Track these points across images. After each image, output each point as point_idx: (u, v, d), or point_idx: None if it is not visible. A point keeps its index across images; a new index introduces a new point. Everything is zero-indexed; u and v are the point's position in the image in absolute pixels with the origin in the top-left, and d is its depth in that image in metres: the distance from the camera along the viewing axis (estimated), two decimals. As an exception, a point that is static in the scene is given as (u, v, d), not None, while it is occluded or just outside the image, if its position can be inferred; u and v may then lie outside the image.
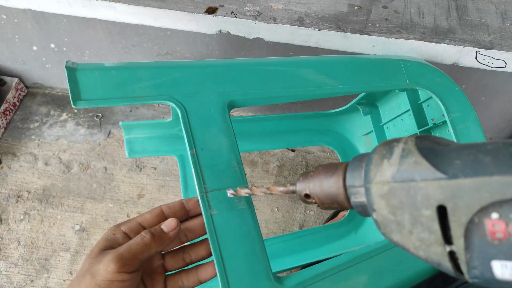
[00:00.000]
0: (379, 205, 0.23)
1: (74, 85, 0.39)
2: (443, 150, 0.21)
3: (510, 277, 0.18)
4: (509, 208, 0.18)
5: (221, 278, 0.34)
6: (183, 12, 0.71)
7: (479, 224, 0.19)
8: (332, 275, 0.39)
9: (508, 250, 0.18)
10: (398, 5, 0.75)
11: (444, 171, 0.20)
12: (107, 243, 0.33)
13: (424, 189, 0.20)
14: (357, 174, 0.25)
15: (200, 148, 0.40)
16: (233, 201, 0.38)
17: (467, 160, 0.20)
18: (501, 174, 0.18)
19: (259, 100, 0.46)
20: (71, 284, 0.31)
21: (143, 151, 0.67)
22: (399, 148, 0.23)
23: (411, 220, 0.21)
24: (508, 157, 0.19)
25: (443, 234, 0.20)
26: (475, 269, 0.19)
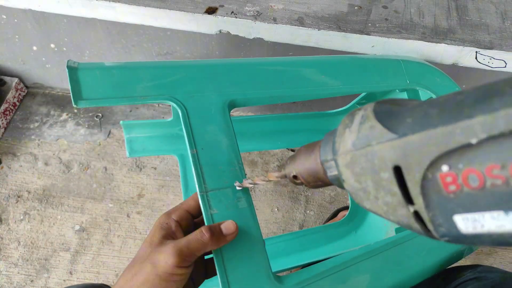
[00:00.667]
0: (346, 175, 0.23)
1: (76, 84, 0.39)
2: (399, 110, 0.21)
3: (474, 230, 0.18)
4: (456, 158, 0.17)
5: (221, 278, 0.34)
6: (183, 12, 0.71)
7: (433, 180, 0.18)
8: (332, 275, 0.39)
9: (464, 202, 0.18)
10: (398, 5, 0.75)
11: (395, 131, 0.20)
12: (164, 232, 0.34)
13: (379, 152, 0.20)
14: (328, 148, 0.25)
15: (200, 148, 0.40)
16: (233, 201, 0.38)
17: (417, 116, 0.20)
18: (444, 124, 0.18)
19: (260, 100, 0.46)
20: (130, 267, 0.33)
21: (144, 151, 0.67)
22: (358, 116, 0.23)
23: (374, 185, 0.21)
24: (453, 106, 0.18)
25: (404, 195, 0.20)
26: (441, 227, 0.19)
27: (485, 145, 0.16)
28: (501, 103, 0.16)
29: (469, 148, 0.17)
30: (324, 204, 0.99)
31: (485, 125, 0.16)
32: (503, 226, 0.17)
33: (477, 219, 0.17)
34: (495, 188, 0.16)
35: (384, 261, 0.42)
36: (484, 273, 0.45)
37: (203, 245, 0.33)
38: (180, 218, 0.36)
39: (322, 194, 1.01)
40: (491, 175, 0.16)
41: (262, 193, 1.00)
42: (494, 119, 0.16)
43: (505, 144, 0.16)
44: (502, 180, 0.16)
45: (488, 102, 0.16)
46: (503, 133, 0.16)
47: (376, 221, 0.83)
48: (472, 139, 0.16)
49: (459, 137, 0.17)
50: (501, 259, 0.94)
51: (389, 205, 0.21)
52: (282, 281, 0.37)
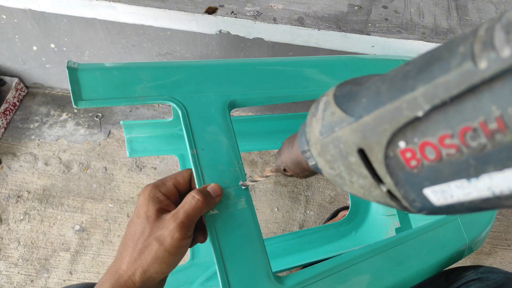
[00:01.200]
0: (321, 163, 0.23)
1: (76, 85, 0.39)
2: (358, 91, 0.21)
3: (446, 200, 0.18)
4: (410, 133, 0.17)
5: (221, 278, 0.34)
6: (183, 12, 0.71)
7: (395, 157, 0.18)
8: (332, 275, 0.39)
9: (428, 175, 0.17)
10: (398, 5, 0.75)
11: (352, 113, 0.20)
12: (158, 205, 0.34)
13: (342, 137, 0.20)
14: (303, 139, 0.25)
15: (200, 148, 0.40)
16: (233, 201, 0.38)
17: (371, 95, 0.20)
18: (391, 101, 0.18)
19: (260, 100, 0.46)
20: (133, 245, 0.33)
21: (144, 151, 0.67)
22: (322, 102, 0.23)
23: (346, 170, 0.21)
24: (400, 79, 0.18)
25: (374, 176, 0.20)
26: (415, 202, 0.19)
27: (432, 116, 0.16)
28: (440, 69, 0.15)
29: (419, 121, 0.17)
30: (324, 204, 0.99)
31: (426, 95, 0.16)
32: (470, 194, 0.16)
33: (444, 190, 0.17)
34: (451, 157, 0.16)
35: (385, 261, 0.42)
36: (486, 274, 0.45)
37: (199, 210, 0.33)
38: (168, 193, 0.36)
39: (322, 194, 1.01)
40: (444, 145, 0.16)
41: (262, 193, 1.00)
42: (434, 88, 0.16)
43: (449, 112, 0.15)
44: (455, 149, 0.16)
45: (428, 70, 0.16)
46: (445, 101, 0.15)
47: (376, 221, 0.83)
48: (418, 112, 0.16)
49: (406, 111, 0.17)
50: (501, 259, 0.94)
51: (364, 187, 0.21)
52: (282, 281, 0.37)
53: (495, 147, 0.14)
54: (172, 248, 0.32)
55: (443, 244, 0.46)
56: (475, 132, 0.15)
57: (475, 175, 0.16)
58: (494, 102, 0.14)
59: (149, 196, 0.34)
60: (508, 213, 1.00)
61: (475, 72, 0.14)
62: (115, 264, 0.33)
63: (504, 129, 0.14)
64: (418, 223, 0.74)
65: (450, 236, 0.47)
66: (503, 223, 0.98)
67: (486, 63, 0.14)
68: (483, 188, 0.16)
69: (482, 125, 0.14)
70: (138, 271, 0.32)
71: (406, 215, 0.76)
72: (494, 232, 0.97)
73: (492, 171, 0.15)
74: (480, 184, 0.16)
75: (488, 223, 0.50)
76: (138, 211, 0.34)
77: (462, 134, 0.15)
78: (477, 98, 0.14)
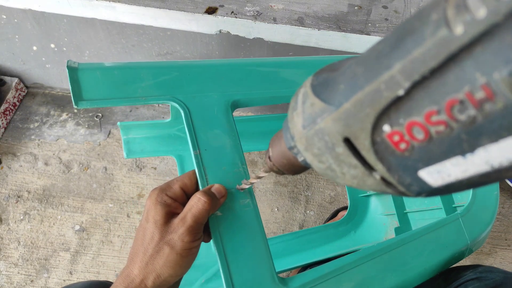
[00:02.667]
0: (309, 158, 0.22)
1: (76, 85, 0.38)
2: (334, 77, 0.20)
3: (443, 181, 0.17)
4: (395, 114, 0.16)
5: (225, 280, 0.34)
6: (183, 12, 0.71)
7: (383, 142, 0.17)
8: (336, 276, 0.38)
9: (420, 156, 0.16)
10: (398, 5, 0.75)
11: (332, 102, 0.19)
12: (166, 209, 0.34)
13: (326, 128, 0.19)
14: (288, 135, 0.24)
15: (203, 149, 0.39)
16: (237, 202, 0.38)
17: (348, 80, 0.18)
18: (369, 83, 0.16)
19: (263, 100, 0.46)
20: (143, 250, 0.33)
21: (142, 152, 0.66)
22: (300, 94, 0.22)
23: (335, 162, 0.20)
24: (374, 59, 0.17)
25: (364, 165, 0.19)
26: (412, 186, 0.18)
27: (414, 93, 0.15)
28: (414, 42, 0.14)
29: (401, 100, 0.16)
30: (324, 204, 0.99)
31: (404, 72, 0.15)
32: (467, 170, 0.15)
33: (440, 170, 0.16)
34: (441, 135, 0.15)
35: (388, 262, 0.42)
36: (485, 273, 0.45)
37: (206, 212, 0.34)
38: (175, 195, 0.36)
39: (322, 194, 1.01)
40: (432, 123, 0.15)
41: (262, 193, 1.00)
42: (410, 63, 0.14)
43: (431, 86, 0.14)
44: (444, 125, 0.15)
45: (402, 45, 0.15)
46: (424, 75, 0.14)
47: (375, 221, 0.83)
48: (399, 91, 0.15)
49: (386, 92, 0.16)
50: (501, 259, 0.94)
51: (356, 177, 0.20)
52: (286, 283, 0.36)
53: (486, 117, 0.13)
54: (183, 251, 0.32)
55: (445, 245, 0.46)
56: (462, 104, 0.14)
57: (470, 150, 0.15)
58: (478, 69, 0.13)
59: (156, 200, 0.34)
60: (508, 213, 1.00)
61: (451, 39, 0.13)
62: (126, 268, 0.34)
63: (493, 97, 0.13)
64: (417, 222, 0.74)
65: (452, 237, 0.47)
66: (503, 223, 0.98)
67: (462, 27, 0.13)
68: (480, 162, 0.15)
69: (468, 95, 0.13)
70: (151, 275, 0.32)
71: (405, 214, 0.76)
72: (494, 232, 0.97)
73: (487, 143, 0.14)
74: (477, 159, 0.15)
75: (489, 223, 0.50)
76: (146, 216, 0.34)
77: (449, 108, 0.14)
78: (458, 67, 0.13)
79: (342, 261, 0.40)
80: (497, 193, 0.53)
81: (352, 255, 0.41)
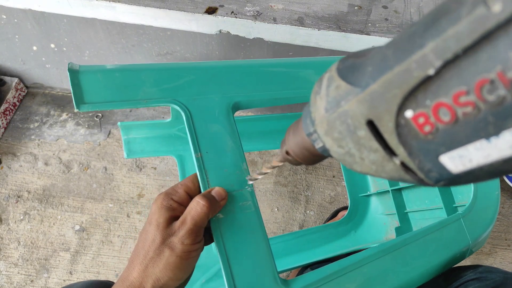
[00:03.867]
0: (329, 143, 0.22)
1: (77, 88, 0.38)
2: (362, 61, 0.20)
3: (464, 167, 0.17)
4: (422, 95, 0.16)
5: (227, 281, 0.34)
6: (183, 12, 0.71)
7: (407, 125, 0.17)
8: (338, 278, 0.38)
9: (444, 140, 0.16)
10: (398, 5, 0.75)
11: (359, 84, 0.19)
12: (169, 214, 0.34)
13: (350, 111, 0.19)
14: (308, 121, 0.24)
15: (205, 152, 0.39)
16: (239, 205, 0.37)
17: (376, 62, 0.18)
18: (399, 63, 0.16)
19: (264, 102, 0.46)
20: (144, 254, 0.33)
21: (142, 152, 0.66)
22: (325, 79, 0.22)
23: (355, 146, 0.20)
24: (406, 40, 0.17)
25: (385, 149, 0.19)
26: (431, 172, 0.18)
27: (444, 73, 0.15)
28: (448, 22, 0.14)
29: (430, 80, 0.16)
30: (324, 204, 0.99)
31: (437, 50, 0.15)
32: (490, 155, 0.15)
33: (462, 155, 0.16)
34: (468, 117, 0.15)
35: (390, 263, 0.42)
36: (485, 274, 0.45)
37: (205, 215, 0.34)
38: (181, 200, 0.36)
39: (322, 194, 1.01)
40: (460, 104, 0.15)
41: (262, 193, 1.00)
42: (444, 41, 0.14)
43: (462, 65, 0.14)
44: (471, 106, 0.15)
45: (436, 25, 0.15)
46: (457, 54, 0.14)
47: (376, 220, 0.83)
48: (429, 70, 0.15)
49: (416, 71, 0.16)
50: (501, 259, 0.94)
51: (375, 163, 0.20)
52: (289, 285, 0.36)
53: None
54: (183, 254, 0.33)
55: (446, 245, 0.46)
56: (492, 84, 0.13)
57: (495, 133, 0.14)
58: (511, 48, 0.13)
59: (161, 205, 0.34)
60: (508, 213, 1.00)
61: (488, 16, 0.13)
62: (126, 271, 0.34)
63: None
64: (418, 222, 0.74)
65: (453, 237, 0.47)
66: (503, 223, 0.98)
67: (500, 4, 0.13)
68: (505, 146, 0.14)
69: (500, 75, 0.13)
70: (151, 278, 0.32)
71: (406, 214, 0.76)
72: (494, 232, 0.97)
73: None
74: (501, 143, 0.14)
75: (490, 223, 0.50)
76: (150, 219, 0.34)
77: (479, 88, 0.14)
78: (492, 46, 0.13)
79: (344, 262, 0.40)
80: (498, 193, 0.53)
81: (354, 256, 0.41)
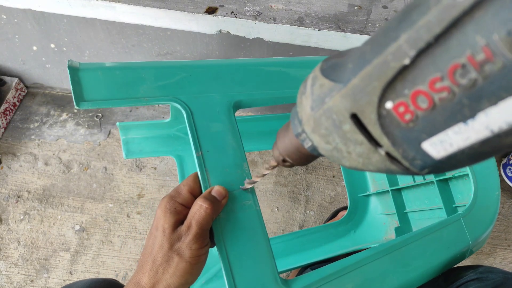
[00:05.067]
0: (316, 140, 0.23)
1: (77, 85, 0.38)
2: (343, 60, 0.21)
3: (446, 151, 0.17)
4: (400, 85, 0.17)
5: (228, 282, 0.34)
6: (183, 12, 0.71)
7: (388, 115, 0.18)
8: (338, 278, 0.38)
9: (424, 127, 0.17)
10: (398, 5, 0.75)
11: (341, 80, 0.20)
12: (174, 217, 0.34)
13: (334, 106, 0.20)
14: (296, 122, 0.25)
15: (206, 150, 0.39)
16: (239, 204, 0.37)
17: (355, 59, 0.19)
18: (376, 56, 0.17)
19: (265, 101, 0.46)
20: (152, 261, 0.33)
21: (141, 152, 0.66)
22: (309, 79, 0.23)
23: (341, 140, 0.21)
24: (381, 34, 0.18)
25: (370, 140, 0.20)
26: (415, 160, 0.19)
27: (418, 62, 0.16)
28: (418, 13, 0.15)
29: (407, 70, 0.16)
30: (324, 204, 0.99)
31: (410, 41, 0.16)
32: (469, 138, 0.16)
33: (443, 140, 0.17)
34: (444, 101, 0.16)
35: (390, 263, 0.42)
36: (485, 274, 0.45)
37: (210, 217, 0.34)
38: (185, 201, 0.36)
39: (322, 194, 1.01)
40: (435, 90, 0.16)
41: (262, 193, 1.00)
42: (416, 32, 0.15)
43: (435, 53, 0.15)
44: (447, 91, 0.15)
45: (408, 17, 0.16)
46: (429, 42, 0.15)
47: (375, 220, 0.83)
48: (405, 60, 0.16)
49: (392, 63, 0.17)
50: (501, 259, 0.94)
51: (362, 155, 0.21)
52: (289, 285, 0.36)
53: (485, 79, 0.14)
54: (192, 259, 0.33)
55: (446, 245, 0.46)
56: (464, 68, 0.14)
57: (471, 116, 0.15)
58: (478, 32, 0.14)
59: (166, 208, 0.34)
60: (508, 213, 1.00)
61: (454, 4, 0.14)
62: (136, 275, 0.34)
63: (492, 57, 0.13)
64: (417, 222, 0.74)
65: (453, 237, 0.47)
66: (503, 223, 0.98)
67: None
68: (481, 128, 0.15)
69: (470, 58, 0.14)
70: (161, 284, 0.32)
71: (405, 214, 0.76)
72: (494, 232, 0.97)
73: (487, 107, 0.15)
74: (477, 124, 0.15)
75: (490, 224, 0.50)
76: (156, 224, 0.34)
77: (452, 73, 0.15)
78: (461, 32, 0.14)
79: (344, 262, 0.40)
80: (498, 194, 0.53)
81: (354, 256, 0.41)
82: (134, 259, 0.90)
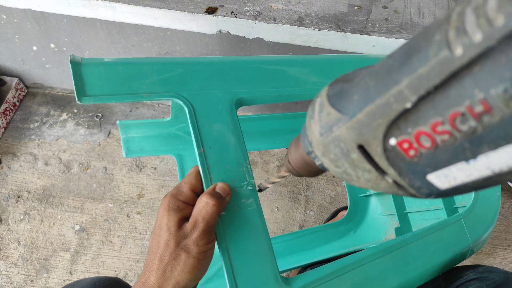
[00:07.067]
0: (326, 163, 0.24)
1: (79, 80, 0.38)
2: (349, 88, 0.22)
3: (450, 184, 0.18)
4: (404, 124, 0.18)
5: (229, 279, 0.34)
6: (183, 12, 0.71)
7: (394, 149, 0.19)
8: (338, 276, 0.38)
9: (428, 162, 0.18)
10: (398, 5, 0.75)
11: (347, 112, 0.21)
12: (177, 215, 0.34)
13: (341, 136, 0.21)
14: (306, 141, 0.26)
15: (208, 147, 0.39)
16: (241, 202, 0.37)
17: (361, 92, 0.20)
18: (380, 96, 0.18)
19: (267, 99, 0.45)
20: (159, 259, 0.33)
21: (141, 151, 0.66)
22: (317, 104, 0.24)
23: (350, 166, 0.22)
24: (385, 73, 0.18)
25: (377, 170, 0.20)
26: (421, 189, 0.20)
27: (421, 106, 0.17)
28: (419, 61, 0.16)
29: (409, 112, 0.17)
30: (324, 204, 0.99)
31: (411, 87, 0.16)
32: (471, 175, 0.17)
33: (447, 174, 0.18)
34: (446, 143, 0.16)
35: (391, 262, 0.42)
36: (485, 274, 0.45)
37: (216, 213, 0.34)
38: (187, 199, 0.36)
39: (322, 194, 1.01)
40: (437, 132, 0.16)
41: (262, 193, 1.00)
42: (417, 79, 0.16)
43: (436, 100, 0.16)
44: (448, 134, 0.16)
45: (409, 62, 0.17)
46: (430, 91, 0.16)
47: (375, 220, 0.83)
48: (407, 104, 0.17)
49: (395, 105, 0.17)
50: (501, 259, 0.94)
51: (370, 181, 0.22)
52: (289, 283, 0.36)
53: (485, 128, 0.15)
54: (200, 254, 0.33)
55: (447, 246, 0.46)
56: (463, 116, 0.15)
57: (472, 157, 0.16)
58: (476, 86, 0.14)
59: (169, 207, 0.34)
60: (508, 213, 1.00)
61: (452, 59, 0.14)
62: (143, 275, 0.34)
63: (490, 111, 0.14)
64: (418, 222, 0.74)
65: (454, 237, 0.47)
66: (503, 223, 0.98)
67: (461, 49, 0.14)
68: (483, 168, 0.16)
69: (469, 109, 0.15)
70: (170, 283, 0.32)
71: (406, 214, 0.76)
72: (494, 232, 0.97)
73: (487, 151, 0.15)
74: (479, 165, 0.16)
75: (491, 224, 0.50)
76: (159, 223, 0.34)
77: (452, 119, 0.16)
78: (459, 84, 0.15)
79: (345, 261, 0.40)
80: (499, 194, 0.53)
81: (355, 255, 0.41)
82: (134, 259, 0.90)
